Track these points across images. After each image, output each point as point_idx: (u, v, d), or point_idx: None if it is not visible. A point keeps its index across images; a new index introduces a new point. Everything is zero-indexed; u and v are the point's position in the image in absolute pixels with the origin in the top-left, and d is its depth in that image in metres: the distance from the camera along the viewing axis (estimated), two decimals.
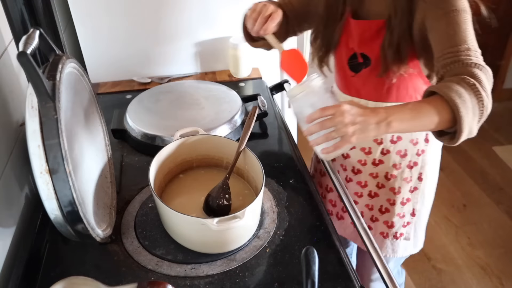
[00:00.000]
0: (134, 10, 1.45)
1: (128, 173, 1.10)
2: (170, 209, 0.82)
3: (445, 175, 2.51)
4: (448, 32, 0.82)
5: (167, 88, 1.40)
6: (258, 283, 0.82)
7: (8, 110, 0.94)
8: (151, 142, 1.16)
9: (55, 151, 0.69)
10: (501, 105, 3.15)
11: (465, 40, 0.81)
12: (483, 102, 0.75)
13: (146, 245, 0.89)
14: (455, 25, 0.82)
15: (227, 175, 0.95)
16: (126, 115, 1.23)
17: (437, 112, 0.76)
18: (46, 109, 0.69)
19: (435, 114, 0.76)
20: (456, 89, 0.75)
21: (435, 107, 0.76)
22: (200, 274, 0.83)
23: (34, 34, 0.76)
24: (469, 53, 0.79)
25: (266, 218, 0.95)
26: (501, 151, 2.70)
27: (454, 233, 2.16)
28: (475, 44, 0.82)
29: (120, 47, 1.51)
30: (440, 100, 0.76)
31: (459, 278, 1.94)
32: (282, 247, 0.89)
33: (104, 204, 0.92)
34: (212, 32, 1.55)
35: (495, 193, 2.39)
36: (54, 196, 0.71)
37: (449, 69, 0.80)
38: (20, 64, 0.66)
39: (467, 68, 0.78)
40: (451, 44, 0.81)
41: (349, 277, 0.83)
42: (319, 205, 1.00)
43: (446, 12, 0.83)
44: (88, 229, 0.77)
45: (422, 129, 0.81)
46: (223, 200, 0.92)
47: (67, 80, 0.82)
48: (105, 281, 0.71)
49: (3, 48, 0.96)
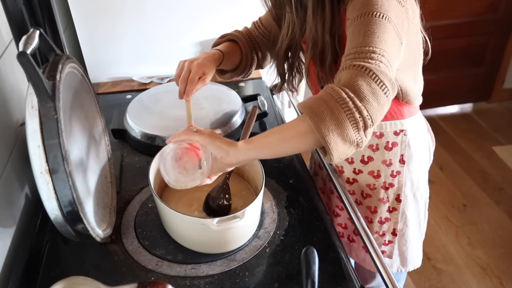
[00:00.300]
0: (134, 10, 1.45)
1: (128, 173, 1.10)
2: (170, 209, 0.82)
3: (445, 175, 2.51)
4: (353, 34, 0.74)
5: (167, 88, 1.40)
6: (258, 283, 0.82)
7: (8, 110, 0.94)
8: (151, 142, 1.16)
9: (55, 151, 0.69)
10: (501, 105, 3.15)
11: (364, 42, 0.72)
12: (347, 104, 0.67)
13: (146, 245, 0.89)
14: (363, 27, 0.73)
15: (227, 175, 0.95)
16: (126, 115, 1.23)
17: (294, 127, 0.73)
18: (46, 109, 0.69)
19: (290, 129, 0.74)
20: (310, 100, 0.70)
21: (292, 122, 0.74)
22: (200, 274, 0.83)
23: (34, 34, 0.76)
24: (361, 55, 0.71)
25: (266, 218, 0.95)
26: (501, 151, 2.70)
27: (454, 233, 2.16)
28: (380, 47, 0.71)
29: (120, 47, 1.51)
30: (299, 117, 0.73)
31: (459, 278, 1.94)
32: (282, 247, 0.89)
33: (104, 204, 0.92)
34: (212, 32, 1.55)
35: (495, 193, 2.39)
36: (54, 196, 0.71)
37: (338, 73, 0.74)
38: (20, 64, 0.66)
39: (346, 71, 0.71)
40: (350, 46, 0.74)
41: (349, 277, 0.83)
42: (319, 205, 1.00)
43: (359, 15, 0.75)
44: (88, 229, 0.77)
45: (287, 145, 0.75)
46: (223, 200, 0.92)
47: (67, 80, 0.82)
48: (105, 281, 0.71)
49: (3, 48, 0.96)
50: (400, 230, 1.10)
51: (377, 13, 0.73)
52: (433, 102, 3.03)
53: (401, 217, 1.08)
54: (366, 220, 1.11)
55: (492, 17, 2.79)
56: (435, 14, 2.59)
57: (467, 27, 2.77)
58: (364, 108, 0.67)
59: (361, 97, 0.67)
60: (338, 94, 0.68)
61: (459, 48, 2.84)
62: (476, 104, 3.16)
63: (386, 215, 1.09)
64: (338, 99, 0.67)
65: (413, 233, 1.12)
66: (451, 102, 3.12)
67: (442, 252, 2.06)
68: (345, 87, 0.68)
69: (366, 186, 1.07)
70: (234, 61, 1.12)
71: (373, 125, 0.69)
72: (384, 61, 0.71)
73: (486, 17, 2.77)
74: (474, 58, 2.95)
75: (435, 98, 2.99)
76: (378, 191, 1.06)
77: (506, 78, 3.08)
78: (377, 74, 0.69)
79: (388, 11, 0.74)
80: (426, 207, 1.14)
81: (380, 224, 1.10)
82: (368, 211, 1.10)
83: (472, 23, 2.77)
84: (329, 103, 0.68)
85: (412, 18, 0.84)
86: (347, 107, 0.67)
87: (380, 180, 1.05)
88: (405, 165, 1.02)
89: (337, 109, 0.67)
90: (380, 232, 1.11)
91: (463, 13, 2.71)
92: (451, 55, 2.83)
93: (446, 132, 2.89)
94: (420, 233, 1.15)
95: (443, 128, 2.93)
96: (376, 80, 0.69)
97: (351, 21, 0.76)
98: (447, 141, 2.79)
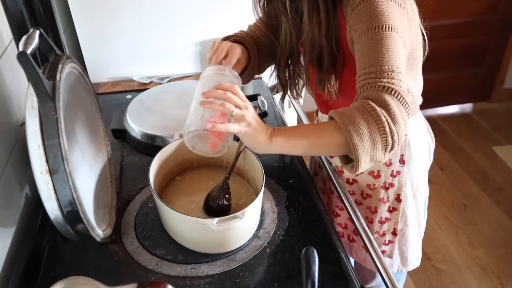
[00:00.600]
0: (134, 10, 1.45)
1: (128, 173, 1.10)
2: (170, 209, 0.82)
3: (445, 175, 2.51)
4: (367, 50, 0.76)
5: (167, 88, 1.40)
6: (258, 283, 0.82)
7: (8, 110, 0.94)
8: (151, 142, 1.16)
9: (55, 151, 0.69)
10: (501, 105, 3.15)
11: (382, 60, 0.74)
12: (384, 129, 0.70)
13: (146, 245, 0.89)
14: (376, 43, 0.75)
15: (227, 175, 0.95)
16: (126, 115, 1.23)
17: (330, 136, 0.75)
18: (46, 109, 0.69)
19: (326, 138, 0.75)
20: (351, 114, 0.72)
21: (328, 131, 0.75)
22: (200, 274, 0.83)
23: (34, 34, 0.76)
24: (382, 75, 0.73)
25: (266, 218, 0.95)
26: (501, 151, 2.70)
27: (454, 233, 2.16)
28: (396, 64, 0.74)
29: (120, 47, 1.51)
30: (335, 125, 0.74)
31: (459, 278, 1.94)
32: (282, 247, 0.89)
33: (104, 204, 0.92)
34: (212, 32, 1.55)
35: (495, 193, 2.39)
36: (54, 196, 0.71)
37: (360, 92, 0.76)
38: (20, 64, 0.66)
39: (375, 91, 0.73)
40: (366, 64, 0.76)
41: (349, 277, 0.83)
42: (319, 205, 1.00)
43: (368, 28, 0.76)
44: (88, 229, 0.77)
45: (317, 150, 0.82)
46: (223, 200, 0.92)
47: (67, 80, 0.82)
48: (105, 281, 0.71)
49: (3, 48, 0.96)
50: (401, 230, 1.10)
51: (385, 26, 0.75)
52: (433, 102, 3.03)
53: (401, 217, 1.08)
54: (366, 220, 1.11)
55: (492, 17, 2.79)
56: (435, 14, 2.59)
57: (467, 27, 2.77)
58: (396, 133, 0.71)
59: (395, 121, 0.71)
60: (378, 116, 0.70)
61: (459, 48, 2.84)
62: (476, 104, 3.16)
63: (386, 215, 1.09)
64: (377, 121, 0.71)
65: (413, 232, 1.12)
66: (451, 102, 3.12)
67: (442, 252, 2.06)
68: (382, 109, 0.71)
69: (366, 186, 1.07)
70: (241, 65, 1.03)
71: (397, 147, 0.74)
72: (402, 79, 0.74)
73: (486, 17, 2.77)
74: (474, 58, 2.95)
75: (435, 98, 2.99)
76: (378, 191, 1.06)
77: (506, 78, 3.08)
78: (403, 96, 0.73)
79: (394, 20, 0.76)
80: (426, 207, 1.14)
81: (381, 224, 1.10)
82: (368, 211, 1.10)
83: (472, 23, 2.77)
84: (369, 123, 0.71)
85: (412, 18, 0.85)
86: (384, 131, 0.71)
87: (380, 180, 1.05)
88: (405, 165, 1.02)
89: (375, 132, 0.71)
90: (380, 232, 1.11)
91: (463, 13, 2.71)
92: (451, 55, 2.83)
93: (446, 132, 2.90)
94: (419, 232, 1.15)
95: (443, 128, 2.93)
96: (402, 102, 0.73)
97: (360, 34, 0.77)
98: (447, 141, 2.79)
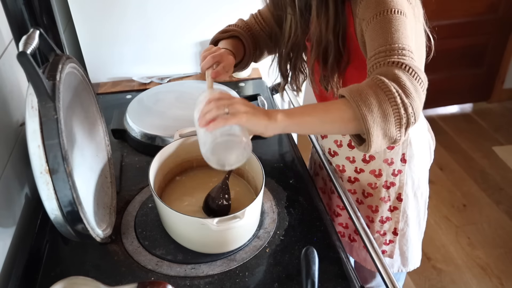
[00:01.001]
0: (134, 10, 1.45)
1: (128, 173, 1.10)
2: (170, 209, 0.82)
3: (445, 175, 2.51)
4: (376, 33, 0.75)
5: (167, 88, 1.40)
6: (258, 283, 0.82)
7: (8, 110, 0.94)
8: (151, 142, 1.16)
9: (55, 151, 0.69)
10: (501, 105, 3.15)
11: (392, 39, 0.72)
12: (395, 99, 0.66)
13: (146, 245, 0.89)
14: (385, 25, 0.74)
15: (227, 175, 0.95)
16: (126, 115, 1.23)
17: (338, 110, 0.71)
18: (46, 109, 0.69)
19: (334, 112, 0.72)
20: (360, 87, 0.69)
21: (336, 105, 0.72)
22: (200, 274, 0.83)
23: (34, 34, 0.76)
24: (392, 52, 0.71)
25: (266, 218, 0.95)
26: (501, 151, 2.70)
27: (454, 233, 2.16)
28: (406, 43, 0.72)
29: (120, 47, 1.51)
30: (343, 100, 0.71)
31: (459, 278, 1.94)
32: (282, 247, 0.89)
33: (104, 204, 0.92)
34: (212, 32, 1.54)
35: (495, 193, 2.39)
36: (54, 196, 0.71)
37: (370, 72, 0.74)
38: (20, 64, 0.66)
39: (385, 67, 0.71)
40: (375, 46, 0.74)
41: (349, 277, 0.83)
42: (319, 205, 1.00)
43: (376, 13, 0.76)
44: (88, 229, 0.77)
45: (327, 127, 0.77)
46: (222, 201, 0.92)
47: (67, 80, 0.82)
48: (105, 281, 0.71)
49: (3, 48, 0.96)
50: (401, 230, 1.10)
51: (394, 10, 0.74)
52: (433, 102, 3.03)
53: (402, 216, 1.08)
54: (367, 220, 1.11)
55: (492, 17, 2.79)
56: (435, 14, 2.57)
57: (467, 27, 2.77)
58: (409, 106, 0.67)
59: (407, 93, 0.67)
60: (387, 87, 0.67)
61: (459, 48, 2.84)
62: (476, 104, 3.16)
63: (387, 214, 1.09)
64: (387, 92, 0.66)
65: (413, 232, 1.12)
66: (451, 102, 3.12)
67: (442, 252, 2.06)
68: (391, 81, 0.67)
69: (368, 185, 1.07)
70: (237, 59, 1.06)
71: (414, 123, 0.69)
72: (414, 57, 0.71)
73: (486, 17, 2.77)
74: (474, 58, 2.95)
75: (435, 98, 2.99)
76: (380, 190, 1.06)
77: (506, 78, 3.08)
78: (415, 70, 0.69)
79: (403, 7, 0.75)
80: (426, 206, 1.14)
81: (381, 223, 1.10)
82: (369, 210, 1.10)
83: (472, 23, 2.77)
84: (378, 94, 0.67)
85: (418, 16, 0.85)
86: (395, 102, 0.66)
87: (381, 179, 1.05)
88: (407, 164, 1.03)
89: (385, 102, 0.66)
90: (381, 231, 1.11)
91: (463, 13, 2.71)
92: (451, 55, 2.83)
93: (446, 132, 2.89)
94: (420, 232, 1.15)
95: (443, 128, 2.92)
96: (415, 76, 0.69)
97: (368, 20, 0.77)
98: (447, 141, 2.79)
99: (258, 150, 1.14)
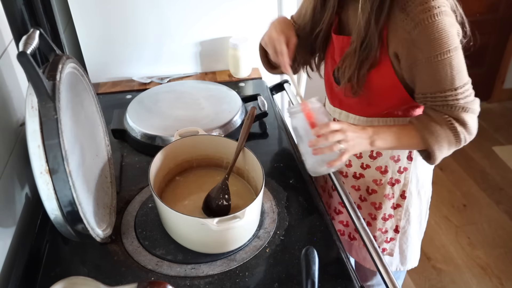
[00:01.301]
0: (134, 10, 1.45)
1: (128, 173, 1.10)
2: (170, 209, 0.82)
3: (445, 175, 2.51)
4: (435, 76, 0.84)
5: (167, 88, 1.40)
6: (258, 283, 0.82)
7: (8, 110, 0.94)
8: (151, 142, 1.16)
9: (55, 151, 0.69)
10: (501, 105, 3.15)
11: (454, 82, 0.85)
12: (461, 142, 0.89)
13: (146, 245, 0.89)
14: (443, 69, 0.84)
15: (226, 176, 0.95)
16: (126, 115, 1.23)
17: (416, 142, 0.90)
18: (46, 109, 0.69)
19: (414, 143, 0.91)
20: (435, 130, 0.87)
21: (416, 138, 0.90)
22: (200, 274, 0.83)
23: (34, 34, 0.76)
24: (457, 97, 0.85)
25: (266, 218, 0.95)
26: (501, 151, 2.70)
27: (454, 233, 2.16)
28: (464, 79, 0.86)
29: (120, 47, 1.51)
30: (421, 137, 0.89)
31: (459, 278, 1.94)
32: (282, 247, 0.89)
33: (104, 204, 0.92)
34: (212, 32, 1.55)
35: (495, 193, 2.39)
36: (54, 196, 0.71)
37: (437, 108, 0.88)
38: (20, 64, 0.66)
39: (454, 112, 0.86)
40: (439, 88, 0.85)
41: (349, 277, 0.83)
42: (319, 205, 1.00)
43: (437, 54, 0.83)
44: (88, 229, 0.77)
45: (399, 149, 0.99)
46: (222, 201, 0.92)
47: (67, 80, 0.82)
48: (105, 281, 0.71)
49: (3, 48, 0.96)
50: (403, 228, 1.11)
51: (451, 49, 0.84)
52: None
53: (404, 214, 1.09)
54: (369, 217, 1.12)
55: (492, 17, 2.78)
56: None
57: None
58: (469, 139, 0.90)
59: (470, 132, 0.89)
60: (458, 134, 0.88)
61: None
62: None
63: (390, 211, 1.09)
64: (457, 137, 0.88)
65: (414, 231, 1.13)
66: None
67: (442, 252, 2.06)
68: (463, 128, 0.87)
69: (373, 181, 1.08)
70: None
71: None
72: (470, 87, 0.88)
73: (486, 17, 2.77)
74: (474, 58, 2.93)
75: None
76: (384, 186, 1.07)
77: (506, 78, 3.08)
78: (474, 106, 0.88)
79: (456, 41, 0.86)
80: (428, 206, 1.14)
81: (384, 221, 1.11)
82: (372, 207, 1.11)
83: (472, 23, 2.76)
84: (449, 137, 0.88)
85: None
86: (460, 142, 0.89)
87: (387, 176, 1.06)
88: (412, 162, 1.04)
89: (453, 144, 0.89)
90: (383, 229, 1.12)
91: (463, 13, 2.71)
92: None
93: None
94: (420, 231, 1.16)
95: None
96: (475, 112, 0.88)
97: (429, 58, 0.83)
98: None
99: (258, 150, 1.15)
